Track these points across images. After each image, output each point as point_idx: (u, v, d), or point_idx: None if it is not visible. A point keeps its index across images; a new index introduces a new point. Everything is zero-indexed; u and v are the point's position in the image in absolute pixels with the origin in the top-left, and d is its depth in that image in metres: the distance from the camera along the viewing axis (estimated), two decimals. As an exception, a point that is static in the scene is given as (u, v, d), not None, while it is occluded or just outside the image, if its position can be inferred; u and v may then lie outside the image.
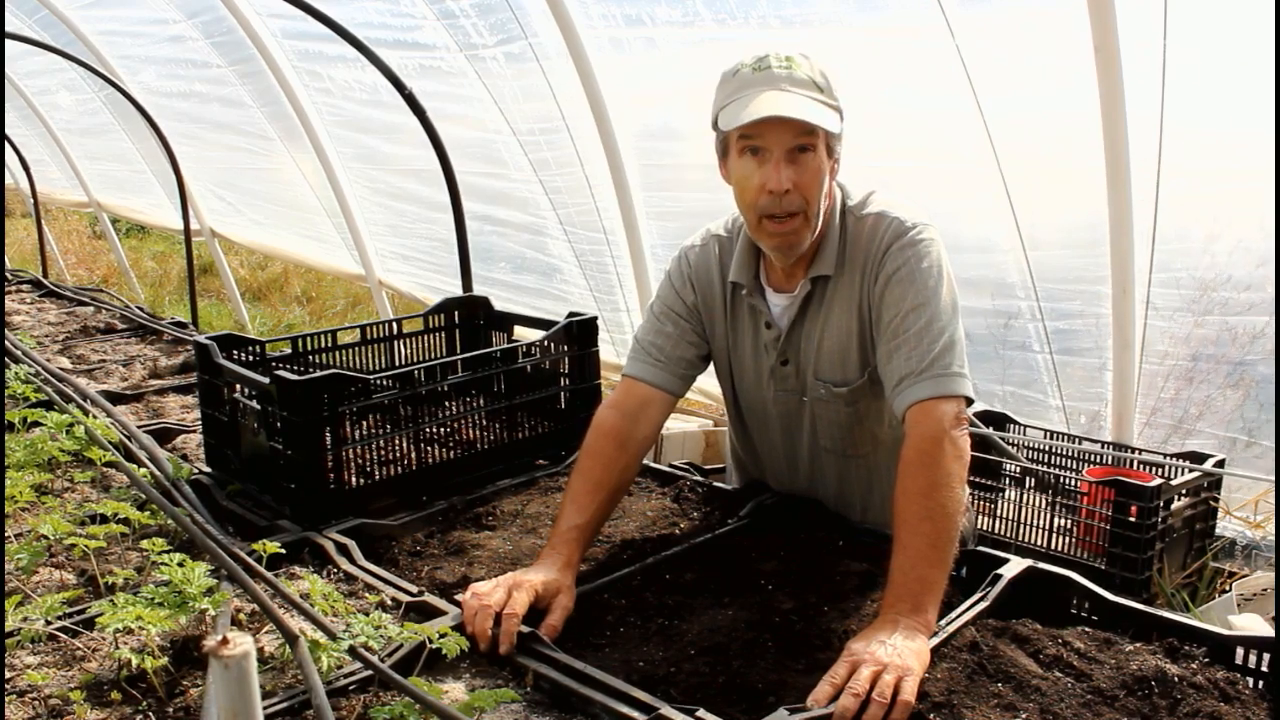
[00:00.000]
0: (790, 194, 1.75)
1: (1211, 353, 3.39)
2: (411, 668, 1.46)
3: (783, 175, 1.74)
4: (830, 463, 2.02)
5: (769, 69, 1.75)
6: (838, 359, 1.89)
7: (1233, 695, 1.38)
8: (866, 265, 1.84)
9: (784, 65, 1.75)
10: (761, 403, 2.03)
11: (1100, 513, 3.01)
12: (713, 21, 4.07)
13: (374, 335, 2.57)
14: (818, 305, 1.90)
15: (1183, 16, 2.92)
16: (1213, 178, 3.26)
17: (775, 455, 2.10)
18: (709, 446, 4.42)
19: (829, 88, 1.77)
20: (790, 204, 1.76)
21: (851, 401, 1.91)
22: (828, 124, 1.72)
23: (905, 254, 1.79)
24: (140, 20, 7.05)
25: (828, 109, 1.75)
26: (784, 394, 1.98)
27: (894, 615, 1.47)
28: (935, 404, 1.69)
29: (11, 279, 5.52)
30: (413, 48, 5.28)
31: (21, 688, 1.44)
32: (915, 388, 1.71)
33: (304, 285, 10.50)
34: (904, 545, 1.56)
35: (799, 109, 1.70)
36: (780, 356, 1.95)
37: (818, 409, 1.96)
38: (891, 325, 1.78)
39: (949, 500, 1.59)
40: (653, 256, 4.98)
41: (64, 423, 2.30)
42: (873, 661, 1.36)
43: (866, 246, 1.84)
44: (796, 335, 1.93)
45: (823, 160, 1.77)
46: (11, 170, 9.76)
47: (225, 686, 0.86)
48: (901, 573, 1.54)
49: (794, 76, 1.74)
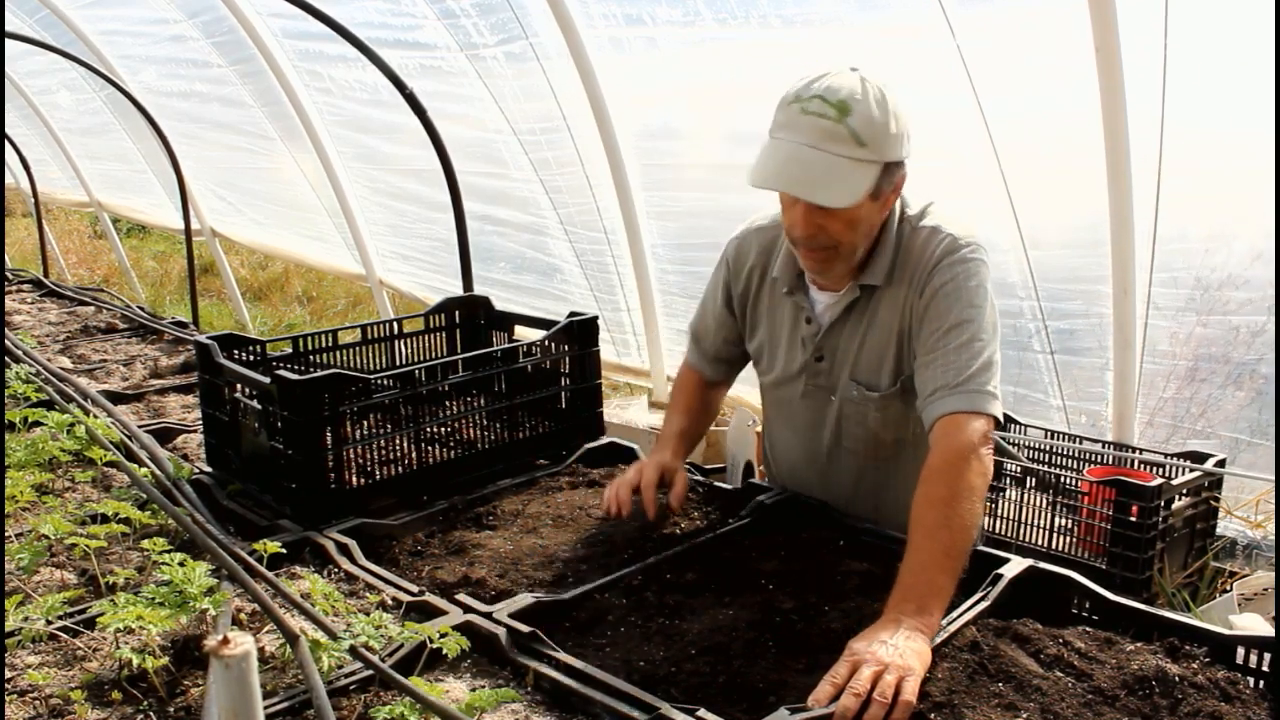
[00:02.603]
0: (818, 235, 1.76)
1: (1212, 352, 3.39)
2: (412, 667, 1.46)
3: (809, 224, 1.76)
4: (849, 464, 2.03)
5: (812, 115, 1.67)
6: (876, 363, 1.91)
7: (1233, 695, 1.38)
8: (915, 276, 1.85)
9: (831, 110, 1.66)
10: (790, 395, 2.06)
11: (1101, 512, 3.01)
12: (713, 21, 4.06)
13: (375, 335, 2.57)
14: (862, 310, 1.91)
15: (1183, 16, 2.92)
16: (1213, 177, 3.26)
17: (793, 449, 2.13)
18: (709, 446, 4.42)
19: (878, 135, 1.68)
20: (819, 242, 1.78)
21: (881, 407, 1.93)
22: (840, 200, 1.68)
23: (955, 269, 1.80)
24: (141, 20, 7.05)
25: (863, 168, 1.68)
26: (814, 389, 2.01)
27: (898, 615, 1.47)
28: (966, 418, 1.70)
29: (12, 278, 5.52)
30: (413, 47, 5.28)
31: (22, 687, 1.44)
32: (948, 400, 1.73)
33: (305, 285, 10.51)
34: (918, 549, 1.57)
35: (813, 188, 1.68)
36: (816, 353, 1.97)
37: (846, 409, 1.98)
38: (933, 337, 1.79)
39: (968, 513, 1.60)
40: (653, 256, 4.98)
41: (65, 422, 2.30)
42: (874, 661, 1.36)
43: (918, 258, 1.85)
44: (836, 335, 1.95)
45: (863, 208, 1.74)
46: (12, 170, 9.75)
47: (226, 686, 0.86)
48: (911, 574, 1.54)
49: (834, 131, 1.66)
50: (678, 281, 4.97)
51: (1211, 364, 3.40)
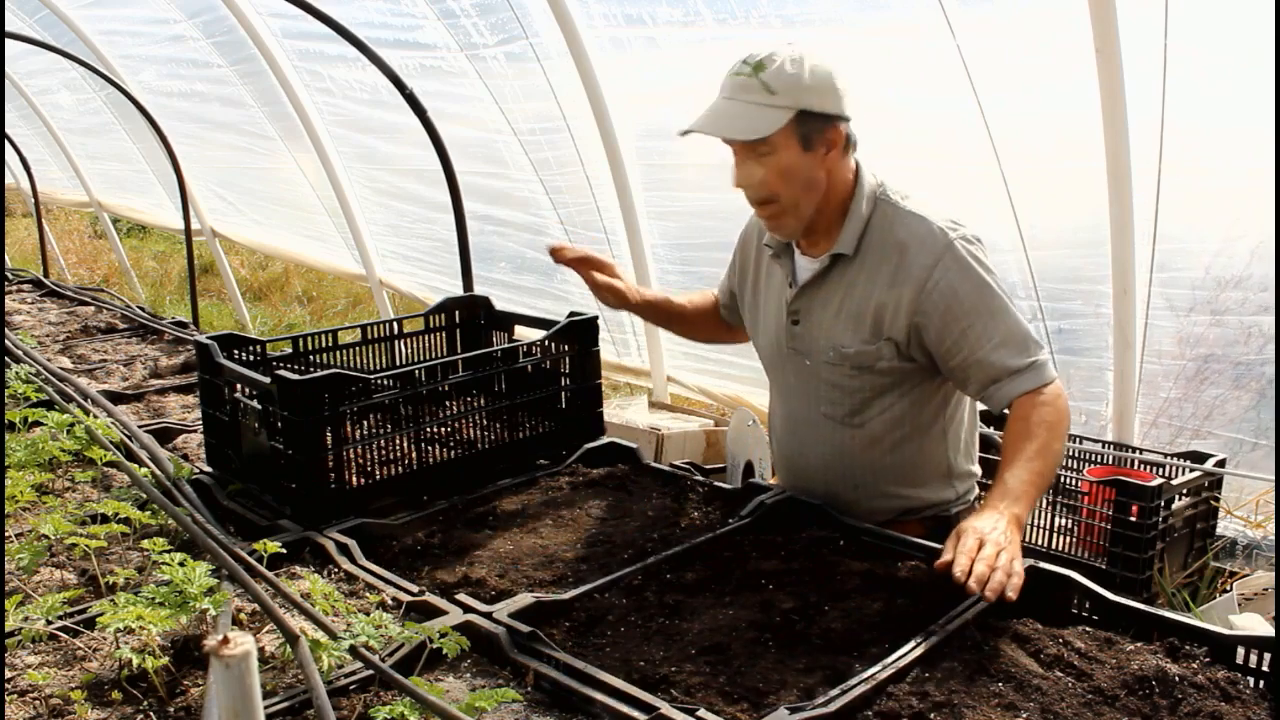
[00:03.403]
0: (756, 187, 1.92)
1: (1213, 352, 3.39)
2: (412, 667, 1.46)
3: (739, 173, 1.93)
4: (829, 430, 2.10)
5: (735, 75, 1.88)
6: (851, 326, 2.00)
7: (1234, 695, 1.38)
8: (910, 265, 1.93)
9: (749, 69, 1.86)
10: (775, 361, 2.18)
11: (1101, 512, 3.01)
12: (714, 21, 4.07)
13: (375, 335, 2.57)
14: (838, 278, 2.01)
15: (1183, 16, 2.92)
16: (1214, 177, 3.26)
17: (778, 418, 2.25)
18: (709, 446, 4.42)
19: (791, 83, 1.83)
20: (758, 195, 1.94)
21: (858, 367, 2.01)
22: (744, 134, 1.86)
23: (966, 261, 1.92)
24: (141, 20, 7.06)
25: (767, 112, 1.84)
26: (794, 354, 2.11)
27: (997, 508, 1.70)
28: (1037, 392, 1.89)
29: (12, 278, 5.52)
30: (413, 47, 5.28)
31: (22, 687, 1.44)
32: (1015, 383, 1.89)
33: (305, 285, 10.51)
34: (1014, 465, 1.79)
35: (717, 124, 1.88)
36: (792, 316, 2.09)
37: (824, 373, 2.06)
38: (971, 332, 1.90)
39: (1057, 449, 1.85)
40: (653, 256, 4.98)
41: (65, 422, 2.30)
42: (990, 541, 1.61)
43: (902, 243, 1.95)
44: (810, 298, 2.06)
45: (791, 157, 1.88)
46: (12, 170, 9.76)
47: (226, 686, 0.86)
48: (1013, 478, 1.76)
49: (747, 83, 1.85)
50: (678, 281, 4.97)
51: (1211, 364, 3.40)
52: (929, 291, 1.91)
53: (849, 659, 1.50)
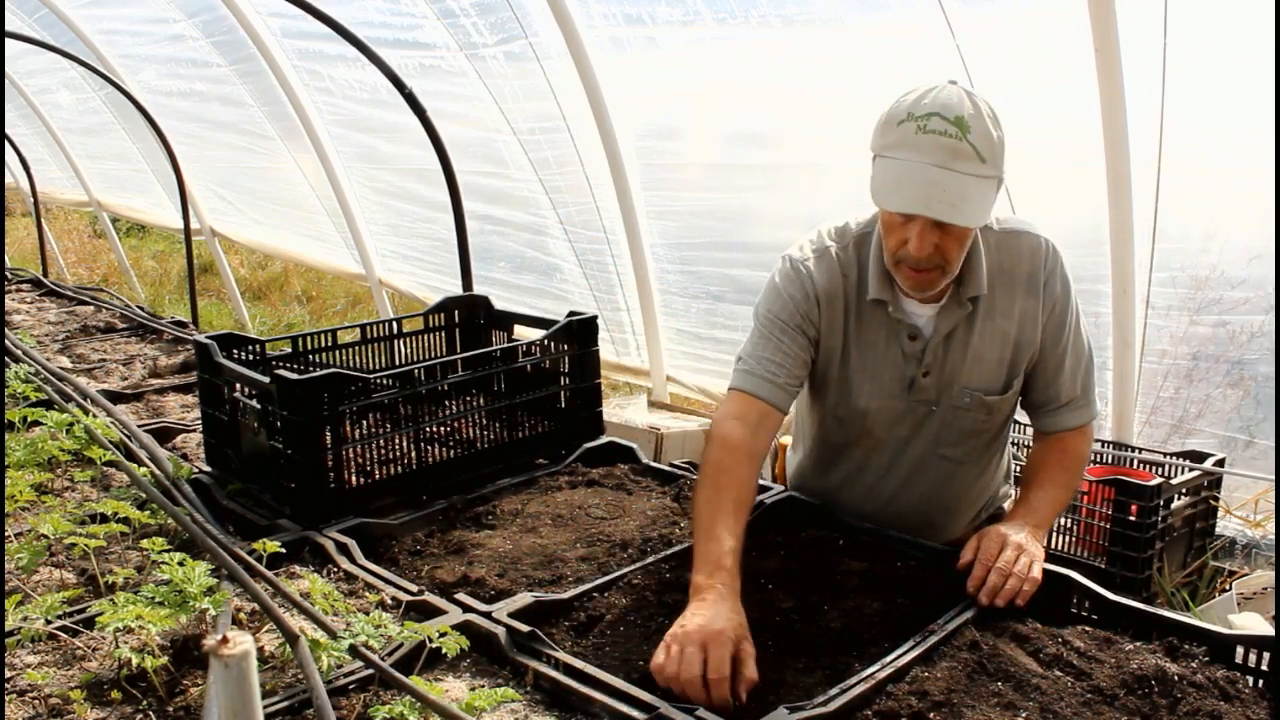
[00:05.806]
0: (932, 256, 1.74)
1: (1211, 351, 3.39)
2: (412, 666, 1.46)
3: (926, 243, 1.71)
4: (943, 471, 2.01)
5: (941, 135, 1.64)
6: (993, 368, 1.92)
7: (1233, 694, 1.38)
8: (1030, 283, 1.89)
9: (952, 128, 1.64)
10: (886, 418, 1.97)
11: (1100, 512, 3.01)
12: (713, 20, 4.07)
13: (374, 334, 2.57)
14: (973, 320, 1.89)
15: (1183, 16, 2.92)
16: (1214, 177, 3.26)
17: (855, 468, 2.06)
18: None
19: (995, 150, 1.67)
20: (929, 262, 1.75)
21: (991, 410, 1.96)
22: (972, 220, 1.67)
23: (1065, 278, 1.91)
24: (140, 19, 7.05)
25: (987, 185, 1.68)
26: (916, 404, 1.94)
27: (1021, 522, 1.76)
28: (1087, 426, 1.97)
29: (11, 278, 5.52)
30: (413, 47, 5.28)
31: (22, 687, 1.44)
32: (1075, 414, 1.94)
33: (304, 284, 10.50)
34: (1043, 489, 1.86)
35: (951, 209, 1.65)
36: (924, 368, 1.91)
37: (950, 416, 1.95)
38: (1059, 349, 1.91)
39: (1078, 484, 2.08)
40: (653, 256, 4.98)
41: (64, 422, 2.30)
42: (1013, 545, 1.67)
43: (1026, 265, 1.89)
44: (946, 347, 1.90)
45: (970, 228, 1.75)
46: (12, 169, 9.75)
47: (226, 685, 0.86)
48: (1039, 500, 1.83)
49: (958, 149, 1.63)
50: (677, 281, 4.97)
51: (1210, 363, 3.40)
52: (1048, 308, 1.90)
53: (848, 658, 1.50)
